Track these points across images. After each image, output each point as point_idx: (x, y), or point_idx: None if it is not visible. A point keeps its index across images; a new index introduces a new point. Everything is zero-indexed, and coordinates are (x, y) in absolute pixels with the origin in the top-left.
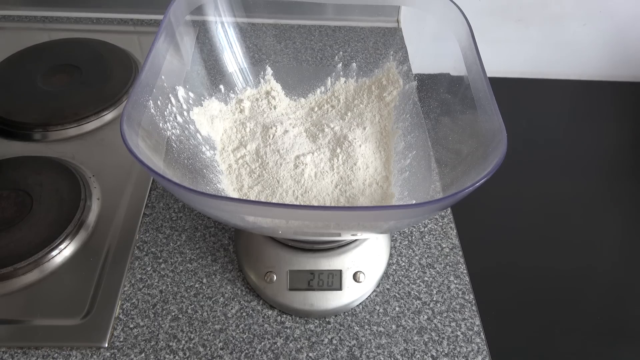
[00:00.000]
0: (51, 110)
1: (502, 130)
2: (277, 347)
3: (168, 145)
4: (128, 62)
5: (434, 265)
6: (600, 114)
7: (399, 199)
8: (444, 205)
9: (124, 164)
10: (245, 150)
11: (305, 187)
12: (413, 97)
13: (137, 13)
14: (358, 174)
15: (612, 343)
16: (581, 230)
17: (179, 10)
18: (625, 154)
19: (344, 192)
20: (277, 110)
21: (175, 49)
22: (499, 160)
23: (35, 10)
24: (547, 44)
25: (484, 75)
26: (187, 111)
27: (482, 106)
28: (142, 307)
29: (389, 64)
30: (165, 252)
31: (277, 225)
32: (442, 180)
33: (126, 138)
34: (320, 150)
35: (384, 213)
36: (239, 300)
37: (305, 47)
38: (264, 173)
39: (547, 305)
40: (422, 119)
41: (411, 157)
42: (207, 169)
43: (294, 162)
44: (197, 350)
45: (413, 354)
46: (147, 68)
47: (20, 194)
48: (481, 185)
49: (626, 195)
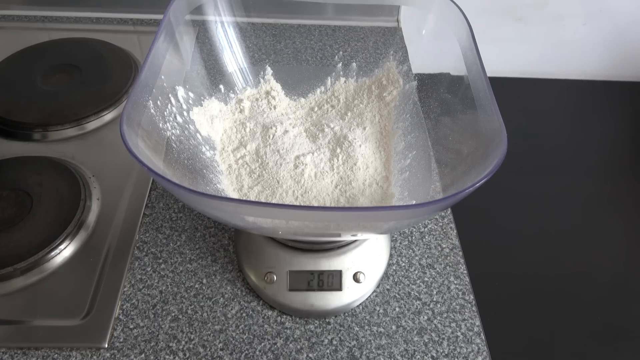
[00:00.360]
0: (51, 110)
1: (503, 130)
2: (277, 348)
3: (168, 145)
4: (128, 62)
5: (434, 265)
6: (600, 114)
7: (399, 199)
8: (445, 206)
9: (123, 164)
10: (245, 151)
11: (305, 188)
12: (413, 97)
13: (137, 13)
14: (358, 174)
15: (612, 343)
16: (581, 230)
17: (179, 10)
18: (626, 154)
19: (344, 192)
20: (277, 110)
21: (175, 49)
22: (500, 160)
23: (35, 10)
24: (547, 44)
25: (484, 75)
26: (187, 111)
27: (482, 106)
28: (142, 308)
29: (389, 63)
30: (165, 253)
31: (277, 226)
32: (442, 180)
33: (126, 138)
34: (320, 150)
35: (384, 213)
36: (239, 301)
37: (305, 47)
38: (263, 173)
39: (547, 306)
40: (422, 119)
41: (411, 157)
42: (207, 169)
43: (294, 162)
44: (197, 351)
45: (413, 354)
46: (147, 68)
47: (20, 194)
48: (481, 185)
49: (626, 195)
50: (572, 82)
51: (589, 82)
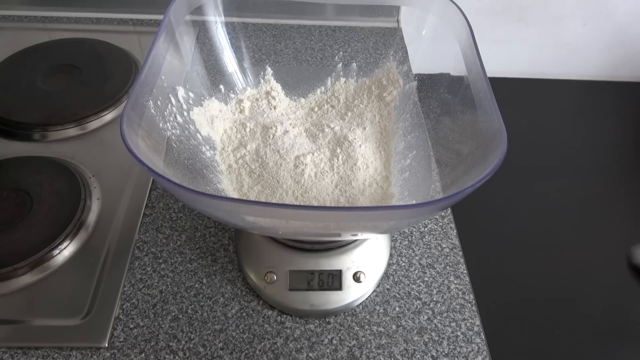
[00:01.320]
0: (51, 110)
1: (503, 130)
2: (277, 347)
3: (168, 145)
4: (128, 62)
5: (434, 265)
6: (600, 114)
7: (399, 199)
8: (444, 206)
9: (123, 164)
10: (245, 151)
11: (305, 187)
12: (413, 97)
13: (137, 13)
14: (358, 174)
15: (613, 343)
16: (581, 229)
17: (179, 10)
18: (626, 154)
19: (344, 192)
20: (277, 111)
21: (175, 49)
22: (500, 160)
23: (35, 10)
24: (547, 44)
25: (484, 75)
26: (187, 111)
27: (482, 106)
28: (142, 307)
29: (389, 64)
30: (165, 252)
31: (277, 226)
32: (442, 180)
33: (126, 138)
34: (320, 150)
35: (384, 213)
36: (239, 301)
37: (305, 47)
38: (263, 173)
39: (547, 305)
40: (422, 119)
41: (411, 157)
42: (207, 169)
43: (294, 162)
44: (197, 351)
45: (413, 354)
46: (147, 68)
47: (20, 194)
48: (481, 185)
49: (626, 195)
50: (572, 82)
51: (589, 82)
